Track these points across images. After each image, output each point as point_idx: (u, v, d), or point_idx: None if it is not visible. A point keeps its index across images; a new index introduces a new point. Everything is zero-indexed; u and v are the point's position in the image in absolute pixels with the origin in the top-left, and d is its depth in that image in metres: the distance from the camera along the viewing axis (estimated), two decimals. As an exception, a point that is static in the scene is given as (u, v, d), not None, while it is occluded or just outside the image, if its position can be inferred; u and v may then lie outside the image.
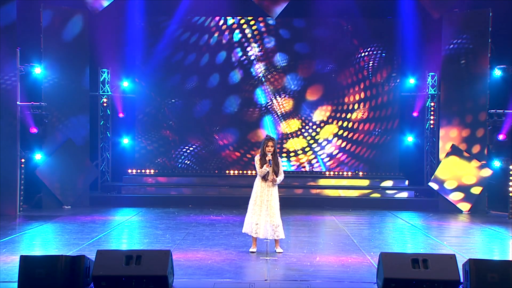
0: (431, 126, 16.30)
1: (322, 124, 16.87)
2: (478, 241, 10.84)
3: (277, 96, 16.93)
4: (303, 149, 16.92)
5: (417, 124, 16.69)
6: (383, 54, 16.67)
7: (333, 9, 16.14)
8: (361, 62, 16.70)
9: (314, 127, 16.89)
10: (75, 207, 14.30)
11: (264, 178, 8.87)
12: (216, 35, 16.88)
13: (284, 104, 16.96)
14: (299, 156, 16.95)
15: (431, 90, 16.22)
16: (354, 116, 16.72)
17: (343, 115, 16.82)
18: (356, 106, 16.76)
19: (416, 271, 6.41)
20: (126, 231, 11.44)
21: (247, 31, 16.91)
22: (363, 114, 16.74)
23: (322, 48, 16.72)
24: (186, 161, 16.91)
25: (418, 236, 11.06)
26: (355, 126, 16.82)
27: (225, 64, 16.90)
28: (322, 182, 16.30)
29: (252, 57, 16.89)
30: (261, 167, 8.82)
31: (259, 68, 16.90)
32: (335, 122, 16.84)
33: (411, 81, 16.46)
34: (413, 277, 6.38)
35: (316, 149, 16.91)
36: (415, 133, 16.68)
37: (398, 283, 6.39)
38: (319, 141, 16.87)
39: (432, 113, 16.28)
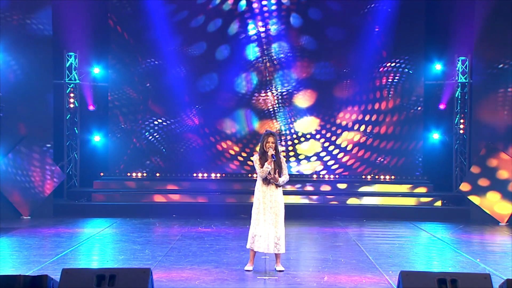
0: (462, 120, 16.32)
1: (345, 127, 16.88)
2: (518, 257, 10.86)
3: (295, 87, 16.92)
4: (318, 152, 16.92)
5: (444, 118, 16.70)
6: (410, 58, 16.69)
7: None
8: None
9: (339, 131, 16.88)
10: (36, 218, 14.27)
11: (266, 180, 8.85)
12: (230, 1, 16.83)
13: (301, 97, 16.95)
14: (310, 159, 16.94)
15: (461, 78, 16.23)
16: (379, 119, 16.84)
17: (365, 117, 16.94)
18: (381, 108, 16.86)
19: (444, 293, 6.40)
20: (97, 246, 11.41)
21: (272, 2, 16.83)
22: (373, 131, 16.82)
23: (354, 37, 16.72)
24: (149, 137, 16.89)
25: (445, 251, 11.08)
26: (373, 125, 16.88)
27: (238, 35, 16.83)
28: (331, 188, 16.30)
29: (271, 34, 16.86)
30: (262, 166, 8.82)
31: (277, 49, 16.90)
32: (356, 126, 16.91)
33: (438, 67, 16.47)
34: (440, 300, 6.37)
35: (331, 152, 16.92)
36: (442, 129, 16.69)
37: (422, 308, 6.38)
38: (337, 144, 16.86)
39: (462, 105, 16.29)
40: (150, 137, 16.90)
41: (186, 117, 16.94)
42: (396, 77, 16.78)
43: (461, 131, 16.32)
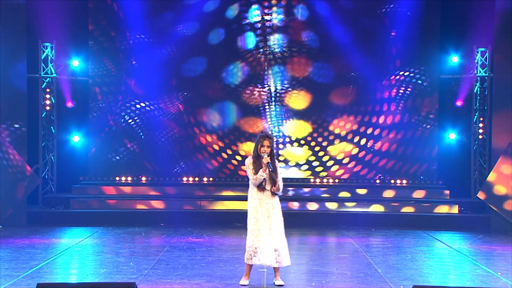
0: (481, 119, 16.33)
1: (339, 135, 17.03)
2: (543, 270, 10.88)
3: (292, 86, 16.98)
4: (309, 160, 17.02)
5: (461, 116, 16.71)
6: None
7: None
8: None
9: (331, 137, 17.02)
10: (8, 227, 14.25)
11: (260, 187, 8.85)
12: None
13: (296, 98, 17.00)
14: (303, 167, 17.04)
15: (480, 71, 16.24)
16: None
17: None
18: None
19: (461, 310, 6.42)
20: (76, 258, 11.40)
21: None
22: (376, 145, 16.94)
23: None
24: (136, 118, 16.97)
25: (463, 264, 11.09)
26: (379, 122, 16.94)
27: (237, 20, 16.92)
28: (335, 193, 16.30)
29: (274, 25, 16.95)
30: (256, 172, 8.82)
31: (276, 41, 16.96)
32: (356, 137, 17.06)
33: (454, 59, 16.48)
34: (457, 317, 6.39)
35: (326, 155, 17.03)
36: (459, 129, 16.70)
37: (437, 326, 6.40)
38: (332, 150, 16.98)
39: (481, 101, 16.30)
40: (131, 122, 16.99)
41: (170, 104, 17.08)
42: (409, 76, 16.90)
43: (480, 131, 16.34)
